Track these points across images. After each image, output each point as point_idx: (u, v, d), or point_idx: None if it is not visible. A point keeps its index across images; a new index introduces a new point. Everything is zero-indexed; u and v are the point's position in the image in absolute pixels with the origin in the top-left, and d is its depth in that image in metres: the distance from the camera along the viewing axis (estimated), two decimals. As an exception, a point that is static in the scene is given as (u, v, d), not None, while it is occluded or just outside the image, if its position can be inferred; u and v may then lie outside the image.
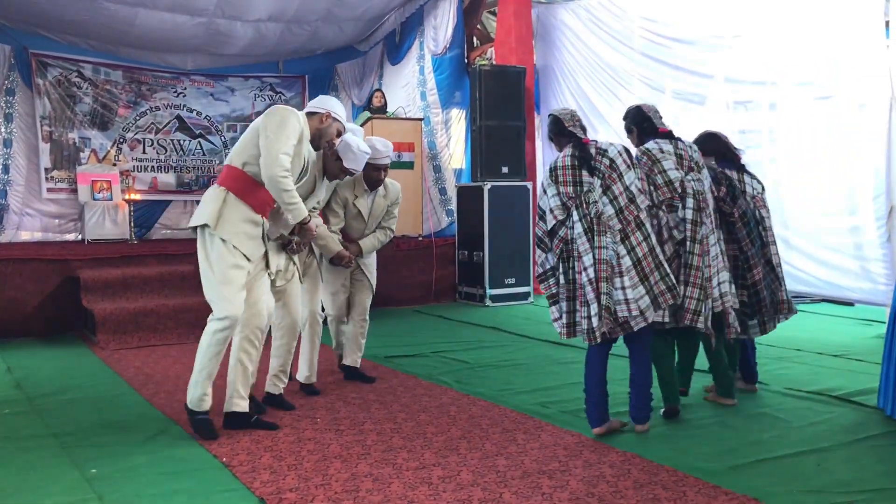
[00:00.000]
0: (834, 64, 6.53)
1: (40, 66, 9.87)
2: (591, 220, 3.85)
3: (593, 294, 3.79)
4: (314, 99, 4.47)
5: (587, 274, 3.82)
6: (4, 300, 6.91)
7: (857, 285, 6.48)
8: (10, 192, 9.67)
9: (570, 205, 3.89)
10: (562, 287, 3.94)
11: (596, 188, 3.88)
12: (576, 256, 3.87)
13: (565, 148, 4.02)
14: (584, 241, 3.83)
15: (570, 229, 3.89)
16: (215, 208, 3.96)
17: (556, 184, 3.93)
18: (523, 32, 9.53)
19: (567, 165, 3.93)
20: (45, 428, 4.24)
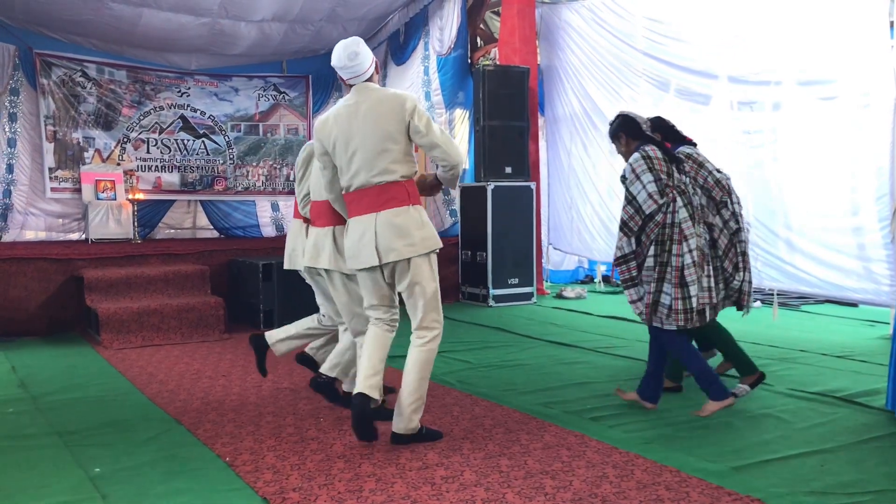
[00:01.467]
0: (838, 64, 6.52)
1: (44, 66, 9.89)
2: (693, 207, 4.16)
3: (694, 276, 4.05)
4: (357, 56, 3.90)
5: (691, 256, 4.06)
6: (8, 299, 6.94)
7: (861, 286, 6.46)
8: (14, 192, 9.69)
9: (670, 192, 4.10)
10: (648, 270, 4.14)
11: (688, 183, 4.23)
12: (676, 240, 4.07)
13: (644, 145, 4.25)
14: (689, 225, 4.09)
15: (672, 214, 4.09)
16: (432, 228, 3.91)
17: (653, 171, 4.11)
18: (527, 32, 9.53)
19: (660, 157, 4.17)
20: (49, 427, 4.25)
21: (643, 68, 8.41)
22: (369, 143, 3.75)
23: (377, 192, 3.77)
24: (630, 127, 4.41)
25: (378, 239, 3.75)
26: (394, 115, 3.75)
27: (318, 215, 4.32)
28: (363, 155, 3.76)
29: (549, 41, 9.87)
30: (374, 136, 3.75)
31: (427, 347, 3.89)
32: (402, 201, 3.77)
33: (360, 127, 3.78)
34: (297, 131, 11.66)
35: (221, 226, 11.06)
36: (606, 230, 9.26)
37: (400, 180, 3.78)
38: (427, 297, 3.85)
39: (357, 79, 3.87)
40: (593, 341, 6.52)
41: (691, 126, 7.93)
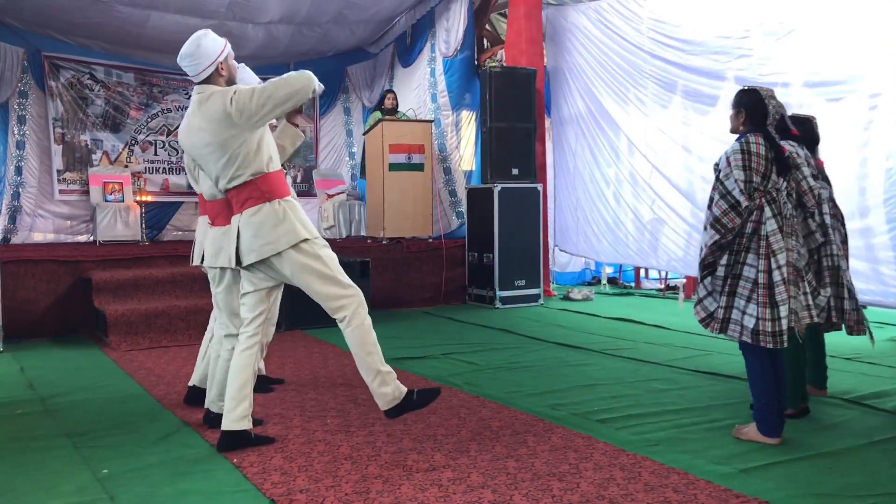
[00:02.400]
0: (847, 66, 6.50)
1: (53, 69, 9.93)
2: (782, 219, 3.75)
3: (785, 295, 3.66)
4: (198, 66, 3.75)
5: (780, 273, 3.67)
6: (17, 301, 6.96)
7: (869, 288, 6.44)
8: (22, 194, 9.74)
9: (758, 197, 3.74)
10: (718, 279, 3.81)
11: (783, 189, 3.82)
12: (763, 254, 3.69)
13: (751, 134, 3.84)
14: (779, 239, 3.70)
15: (757, 223, 3.72)
16: (293, 221, 3.72)
17: (746, 169, 3.75)
18: (534, 34, 9.52)
19: (762, 154, 3.76)
20: (58, 428, 4.26)
21: (650, 70, 8.40)
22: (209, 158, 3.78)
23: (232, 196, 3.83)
24: (753, 111, 3.90)
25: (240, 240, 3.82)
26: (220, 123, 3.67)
27: (217, 215, 4.20)
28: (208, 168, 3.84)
29: (556, 43, 9.87)
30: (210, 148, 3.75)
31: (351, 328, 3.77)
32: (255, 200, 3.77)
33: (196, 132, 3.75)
34: (304, 133, 11.66)
35: (228, 228, 11.06)
36: (612, 232, 9.26)
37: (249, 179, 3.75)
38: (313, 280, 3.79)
39: (198, 75, 3.72)
40: (600, 343, 6.51)
41: (698, 127, 7.96)
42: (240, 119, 3.59)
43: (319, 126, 11.79)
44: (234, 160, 3.66)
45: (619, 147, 9.04)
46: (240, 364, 3.86)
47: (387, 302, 8.52)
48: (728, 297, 3.79)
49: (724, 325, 3.81)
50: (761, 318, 3.67)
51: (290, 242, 3.68)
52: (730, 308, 3.79)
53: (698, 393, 4.81)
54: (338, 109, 11.93)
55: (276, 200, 3.71)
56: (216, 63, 3.69)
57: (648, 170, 8.64)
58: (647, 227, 8.82)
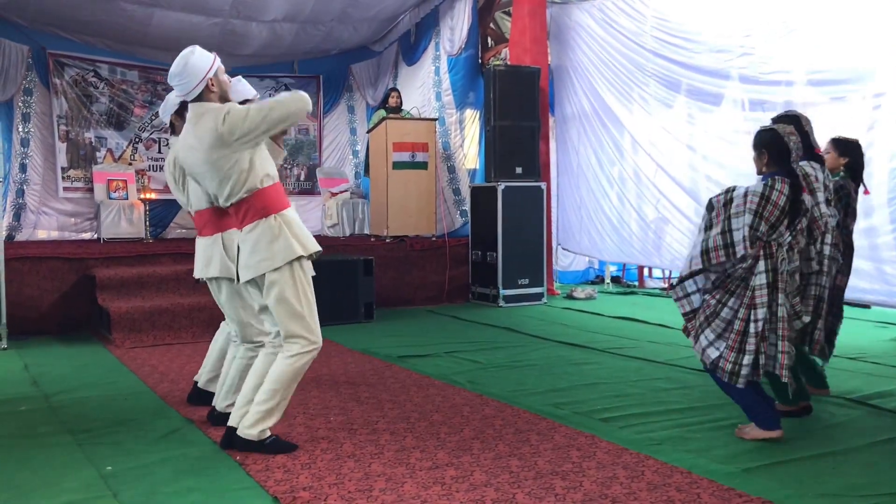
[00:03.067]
0: (850, 64, 6.49)
1: (57, 66, 9.95)
2: (775, 274, 3.70)
3: (753, 347, 3.69)
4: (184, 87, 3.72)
5: (756, 326, 3.68)
6: (21, 298, 6.97)
7: (873, 287, 6.43)
8: (27, 191, 9.75)
9: (758, 247, 3.70)
10: (703, 314, 3.85)
11: (784, 243, 3.76)
12: (746, 304, 3.70)
13: (777, 177, 3.75)
14: (764, 295, 3.68)
15: (750, 273, 3.70)
16: (289, 237, 3.66)
17: (756, 216, 3.67)
18: (538, 32, 9.52)
19: (779, 206, 3.69)
20: (61, 425, 4.27)
21: (653, 68, 8.40)
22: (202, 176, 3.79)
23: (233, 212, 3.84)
24: (777, 150, 3.84)
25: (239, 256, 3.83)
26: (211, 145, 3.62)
27: (203, 225, 4.20)
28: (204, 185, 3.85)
29: (560, 41, 9.86)
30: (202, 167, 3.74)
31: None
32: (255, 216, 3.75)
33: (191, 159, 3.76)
34: (308, 131, 11.68)
35: (232, 225, 11.07)
36: (615, 231, 9.25)
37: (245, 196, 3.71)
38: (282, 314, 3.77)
39: (188, 94, 3.67)
40: (603, 342, 6.51)
41: (703, 126, 7.95)
42: (231, 139, 3.53)
43: (323, 124, 11.79)
44: (228, 179, 3.62)
45: (623, 146, 9.04)
46: (261, 367, 3.84)
47: (390, 300, 8.52)
48: (704, 321, 3.84)
49: (696, 336, 3.88)
50: (724, 357, 3.75)
51: (287, 259, 3.64)
52: (701, 331, 3.85)
53: (701, 392, 4.81)
54: (342, 108, 11.93)
55: (272, 216, 3.65)
56: (206, 80, 3.63)
57: (653, 169, 8.64)
58: (650, 226, 8.81)
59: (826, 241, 4.19)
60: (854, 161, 4.67)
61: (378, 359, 5.96)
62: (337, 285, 7.50)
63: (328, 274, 7.40)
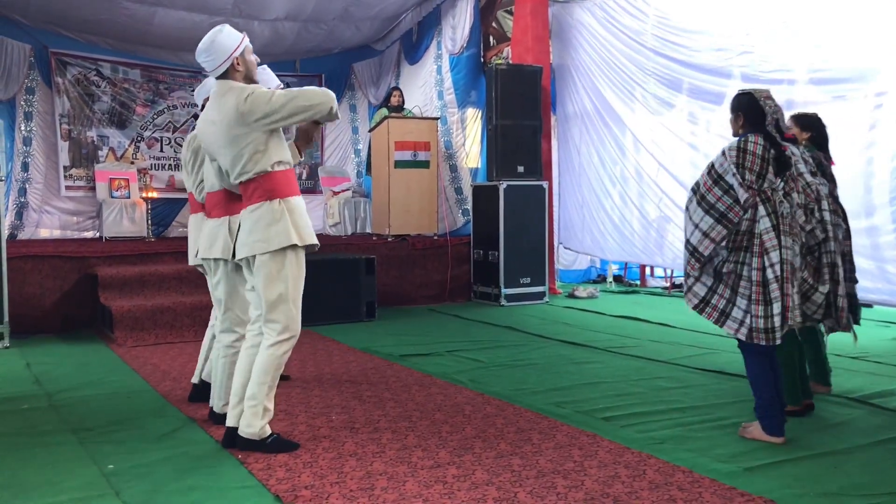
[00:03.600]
0: (852, 63, 6.48)
1: (59, 65, 9.96)
2: (778, 217, 3.74)
3: (778, 293, 3.68)
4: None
5: (773, 271, 3.69)
6: (23, 296, 6.98)
7: (876, 286, 6.42)
8: (29, 190, 9.77)
9: (752, 196, 3.76)
10: (710, 268, 3.87)
11: (779, 189, 3.82)
12: (757, 252, 3.72)
13: (750, 134, 3.86)
14: (772, 238, 3.71)
15: (752, 222, 3.75)
16: (288, 224, 3.70)
17: (740, 167, 3.77)
18: (540, 31, 9.51)
19: (758, 154, 3.79)
20: (63, 423, 4.27)
21: (655, 67, 8.39)
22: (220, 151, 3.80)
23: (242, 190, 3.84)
24: (752, 114, 3.94)
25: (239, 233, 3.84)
26: (233, 119, 3.67)
27: (213, 206, 4.17)
28: (221, 160, 3.82)
29: (562, 40, 9.86)
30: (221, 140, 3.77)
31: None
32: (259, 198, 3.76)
33: (212, 134, 3.79)
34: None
35: (234, 224, 11.08)
36: (617, 230, 9.24)
37: (254, 178, 3.74)
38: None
39: (215, 71, 3.74)
40: (605, 341, 6.51)
41: (704, 125, 7.95)
42: (250, 118, 3.59)
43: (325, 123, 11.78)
44: (241, 157, 3.66)
45: (625, 144, 9.04)
46: (245, 363, 3.84)
47: (392, 299, 8.53)
48: (731, 293, 3.82)
49: (723, 319, 3.85)
50: (754, 315, 3.71)
51: (281, 244, 3.66)
52: (731, 304, 3.82)
53: (703, 391, 4.81)
54: (343, 107, 11.93)
55: (276, 200, 3.68)
56: (232, 58, 3.69)
57: (655, 167, 8.63)
58: (652, 225, 8.81)
59: (823, 207, 4.18)
60: (817, 134, 4.75)
61: (380, 357, 5.96)
62: (339, 284, 7.51)
63: (330, 273, 7.41)
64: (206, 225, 4.21)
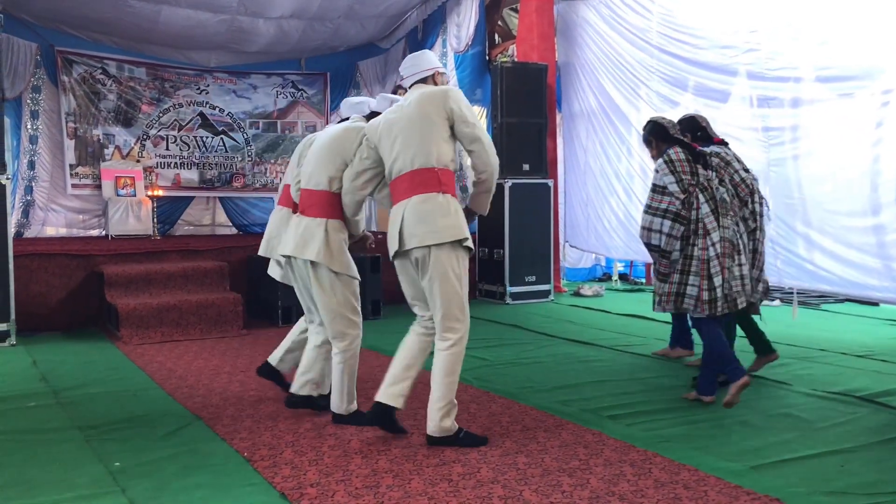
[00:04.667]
0: (858, 60, 6.45)
1: (66, 64, 9.98)
2: (716, 202, 4.40)
3: (718, 268, 4.34)
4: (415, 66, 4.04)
5: (714, 249, 4.34)
6: (30, 294, 7.01)
7: (882, 285, 6.40)
8: (35, 188, 9.80)
9: (692, 189, 4.40)
10: (674, 264, 4.45)
11: (713, 179, 4.51)
12: (701, 234, 4.35)
13: (669, 148, 4.55)
14: (712, 220, 4.36)
15: (696, 210, 4.38)
16: (460, 218, 3.75)
17: (674, 173, 4.43)
18: (545, 29, 9.50)
19: (682, 159, 4.47)
20: (70, 421, 4.29)
21: (660, 65, 8.37)
22: (409, 127, 3.76)
23: (411, 177, 3.75)
24: (658, 132, 4.71)
25: (403, 224, 3.71)
26: (435, 102, 3.76)
27: (311, 205, 4.16)
28: (403, 138, 3.77)
29: (567, 38, 9.84)
30: (415, 119, 3.76)
31: (449, 352, 3.73)
32: (432, 187, 3.71)
33: (405, 113, 3.82)
34: (315, 128, 11.67)
35: (240, 222, 11.12)
36: (623, 228, 9.23)
37: (434, 166, 3.72)
38: (445, 295, 3.70)
39: (410, 78, 3.96)
40: (611, 339, 6.50)
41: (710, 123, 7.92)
42: (453, 116, 3.74)
43: (330, 121, 11.79)
44: (430, 144, 3.72)
45: (631, 142, 9.02)
46: (414, 348, 3.91)
47: (397, 297, 8.44)
48: (682, 275, 4.41)
49: (679, 301, 4.44)
50: (701, 288, 4.35)
51: (454, 237, 3.67)
52: (684, 284, 4.41)
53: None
54: (348, 104, 11.92)
55: (448, 194, 3.74)
56: (434, 70, 3.99)
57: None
58: (658, 223, 8.78)
59: (755, 200, 4.83)
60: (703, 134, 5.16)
61: (386, 356, 5.94)
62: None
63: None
64: (298, 222, 4.21)
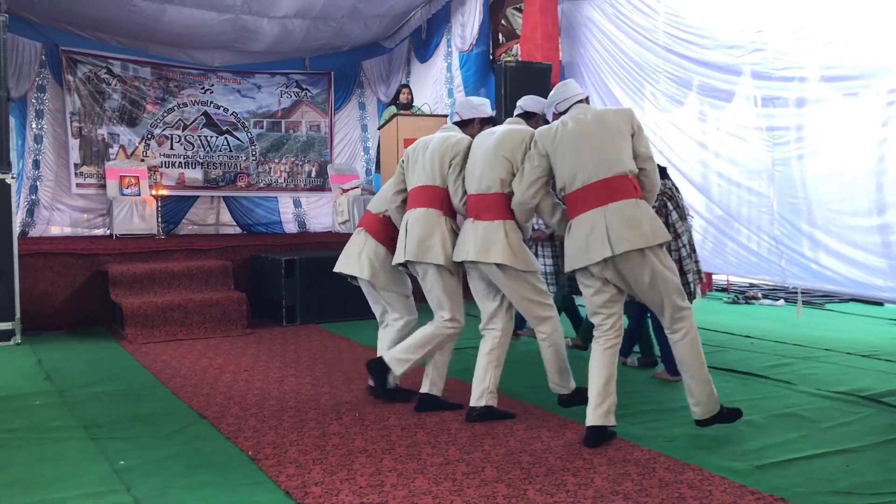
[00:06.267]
0: (863, 60, 6.44)
1: (70, 63, 10.00)
2: (679, 210, 5.03)
3: (690, 265, 4.97)
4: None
5: (686, 249, 4.98)
6: (35, 293, 7.02)
7: (887, 285, 6.39)
8: (40, 188, 9.83)
9: (659, 199, 4.90)
10: None
11: (671, 187, 5.19)
12: (673, 236, 4.80)
13: None
14: (681, 224, 4.98)
15: (666, 216, 4.95)
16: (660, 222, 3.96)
17: None
18: (549, 28, 9.48)
19: None
20: (75, 420, 4.30)
21: (666, 65, 8.35)
22: (600, 137, 3.85)
23: (603, 185, 3.79)
24: None
25: (609, 230, 3.73)
26: (624, 117, 3.91)
27: (485, 209, 4.19)
28: (592, 147, 3.84)
29: (571, 37, 9.82)
30: (607, 130, 3.86)
31: (689, 337, 3.87)
32: (630, 194, 3.78)
33: (590, 124, 3.91)
34: (319, 128, 11.70)
35: (244, 222, 11.13)
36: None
37: (628, 174, 3.81)
38: (670, 288, 3.81)
39: (566, 102, 4.12)
40: (615, 339, 6.48)
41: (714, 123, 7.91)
42: (633, 134, 3.89)
43: (334, 121, 11.81)
44: (619, 148, 3.83)
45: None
46: (603, 362, 3.92)
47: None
48: None
49: None
50: None
51: (659, 240, 3.77)
52: None
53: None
54: (353, 104, 11.95)
55: (643, 200, 3.83)
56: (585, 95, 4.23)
57: (663, 165, 8.59)
58: (661, 223, 8.77)
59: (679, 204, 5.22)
60: None
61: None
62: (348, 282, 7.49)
63: (339, 270, 7.41)
64: (474, 227, 4.22)
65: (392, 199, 4.66)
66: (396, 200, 4.63)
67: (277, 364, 5.69)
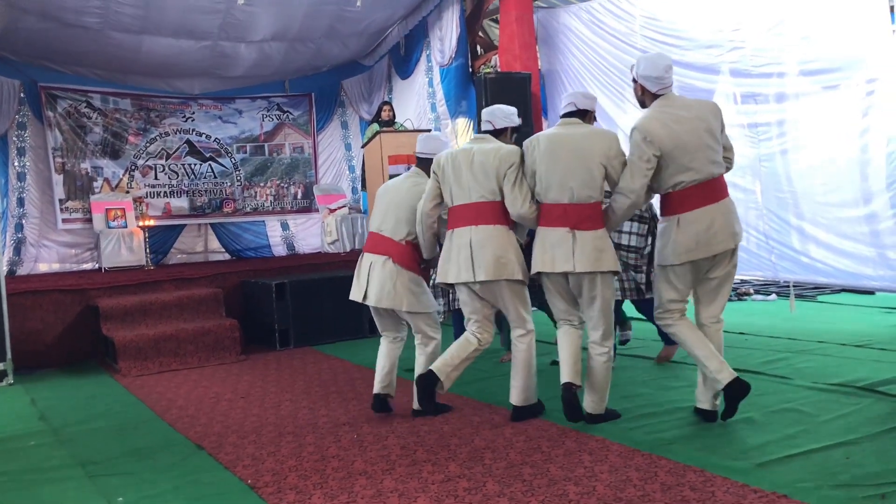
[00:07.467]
0: (841, 52, 6.49)
1: (50, 99, 9.97)
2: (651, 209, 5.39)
3: None
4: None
5: None
6: (25, 332, 6.97)
7: (877, 273, 6.41)
8: (26, 225, 9.77)
9: None
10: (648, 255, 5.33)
11: None
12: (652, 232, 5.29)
13: None
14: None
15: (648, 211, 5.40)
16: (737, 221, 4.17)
17: None
18: (526, 38, 9.51)
19: None
20: (71, 458, 4.26)
21: (645, 67, 8.38)
22: (703, 137, 4.04)
23: (714, 183, 4.05)
24: None
25: (716, 227, 3.98)
26: (713, 112, 4.11)
27: (584, 219, 4.19)
28: (699, 148, 4.02)
29: (549, 45, 9.86)
30: (704, 130, 4.04)
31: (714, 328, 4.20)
32: (727, 192, 4.14)
33: (690, 121, 4.05)
34: (303, 149, 11.69)
35: (233, 248, 11.10)
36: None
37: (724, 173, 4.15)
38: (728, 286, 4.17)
39: (665, 89, 4.13)
40: (610, 343, 6.47)
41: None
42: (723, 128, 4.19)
43: (318, 141, 11.81)
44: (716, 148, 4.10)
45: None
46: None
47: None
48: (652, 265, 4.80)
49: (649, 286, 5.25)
50: None
51: (739, 241, 4.08)
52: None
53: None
54: (335, 124, 11.95)
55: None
56: None
57: None
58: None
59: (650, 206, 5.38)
60: None
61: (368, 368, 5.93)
62: (340, 301, 7.46)
63: (330, 290, 7.39)
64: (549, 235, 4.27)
65: (429, 213, 4.55)
66: (434, 215, 4.56)
67: (273, 389, 5.66)
